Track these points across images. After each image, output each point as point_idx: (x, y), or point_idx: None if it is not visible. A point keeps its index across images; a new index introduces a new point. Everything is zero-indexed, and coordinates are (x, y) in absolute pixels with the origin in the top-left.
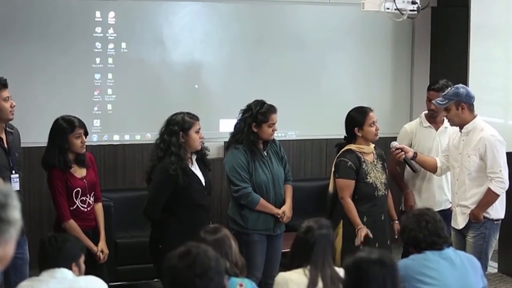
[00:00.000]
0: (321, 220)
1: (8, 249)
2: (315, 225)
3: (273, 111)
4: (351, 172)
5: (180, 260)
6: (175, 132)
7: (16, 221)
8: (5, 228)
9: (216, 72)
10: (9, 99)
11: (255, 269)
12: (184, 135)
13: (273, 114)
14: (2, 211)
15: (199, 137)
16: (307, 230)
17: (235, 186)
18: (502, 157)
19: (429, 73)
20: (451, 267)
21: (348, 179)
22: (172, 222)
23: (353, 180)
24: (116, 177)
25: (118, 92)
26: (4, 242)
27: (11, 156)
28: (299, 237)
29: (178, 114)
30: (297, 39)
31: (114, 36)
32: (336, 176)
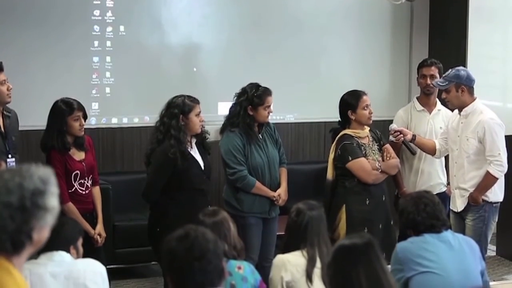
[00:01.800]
0: (310, 201)
1: (43, 234)
2: (305, 207)
3: (269, 93)
4: (359, 151)
5: (179, 243)
6: (175, 115)
7: (53, 208)
8: (42, 214)
9: (214, 55)
10: (5, 82)
11: (251, 251)
12: (184, 118)
13: (269, 97)
14: (40, 198)
15: (200, 120)
16: (298, 213)
17: (231, 169)
18: (501, 140)
19: (427, 57)
20: (450, 250)
21: (362, 157)
22: (170, 205)
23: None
24: (115, 160)
25: (117, 75)
26: (39, 228)
27: (8, 140)
28: (292, 220)
29: (179, 97)
30: (295, 22)
31: (112, 19)
32: (350, 159)
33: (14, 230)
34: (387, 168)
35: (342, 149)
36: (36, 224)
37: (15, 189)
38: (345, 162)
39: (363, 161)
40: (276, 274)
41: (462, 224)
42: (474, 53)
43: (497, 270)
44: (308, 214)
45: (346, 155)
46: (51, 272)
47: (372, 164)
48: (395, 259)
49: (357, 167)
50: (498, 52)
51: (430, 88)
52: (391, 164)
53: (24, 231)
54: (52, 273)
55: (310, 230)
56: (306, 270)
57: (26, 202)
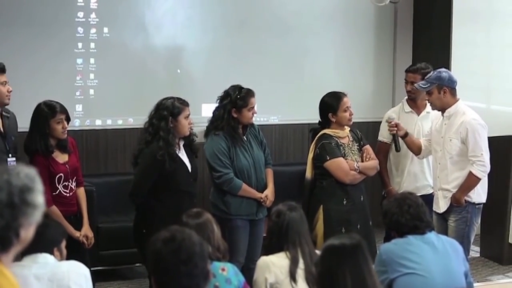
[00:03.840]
0: (290, 202)
1: (29, 232)
2: (285, 208)
3: (252, 94)
4: (338, 151)
5: (165, 246)
6: (165, 117)
7: (41, 205)
8: (30, 211)
9: (198, 57)
10: (6, 83)
11: (238, 254)
12: (173, 120)
13: (252, 98)
14: (28, 194)
15: (188, 123)
16: (278, 214)
17: (217, 172)
18: (484, 140)
19: (411, 58)
20: (433, 251)
21: (340, 157)
22: (157, 207)
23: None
24: (98, 162)
25: (100, 77)
26: (27, 225)
27: (7, 140)
28: (273, 222)
29: (168, 99)
30: (279, 24)
31: (96, 21)
32: (328, 159)
33: (3, 227)
34: (365, 169)
35: (320, 148)
36: (24, 221)
37: (3, 185)
38: (323, 161)
39: (341, 161)
40: (260, 276)
41: (445, 226)
42: (458, 54)
43: (481, 271)
44: (288, 215)
45: (324, 154)
46: (35, 274)
47: (350, 164)
48: (379, 261)
49: (334, 166)
50: (482, 53)
51: (411, 94)
52: (369, 165)
53: (12, 228)
54: (36, 275)
55: (291, 231)
56: (289, 271)
57: (14, 198)
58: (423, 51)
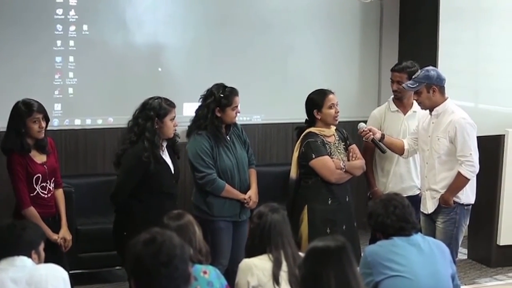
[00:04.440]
0: (272, 204)
1: None
2: (266, 210)
3: (236, 93)
4: (324, 149)
5: (145, 248)
6: (151, 117)
7: None
8: None
9: (179, 54)
10: None
11: (221, 256)
12: (159, 122)
13: (236, 97)
14: None
15: (173, 125)
16: (260, 216)
17: (200, 172)
18: (473, 140)
19: (397, 56)
20: (419, 253)
21: (326, 155)
22: (138, 209)
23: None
24: (78, 162)
25: (80, 75)
26: None
27: None
28: (254, 224)
29: (155, 99)
30: (263, 21)
31: (75, 18)
32: (313, 157)
33: None
34: (351, 168)
35: (306, 146)
36: None
37: None
38: (308, 160)
39: (326, 159)
40: (242, 279)
41: (432, 227)
42: (444, 53)
43: (469, 273)
44: (270, 217)
45: (310, 153)
46: (12, 277)
47: (336, 163)
48: (364, 263)
49: (320, 165)
50: (469, 52)
51: (397, 94)
52: (355, 164)
53: None
54: (13, 279)
55: (273, 233)
56: (272, 274)
57: None
58: (409, 49)
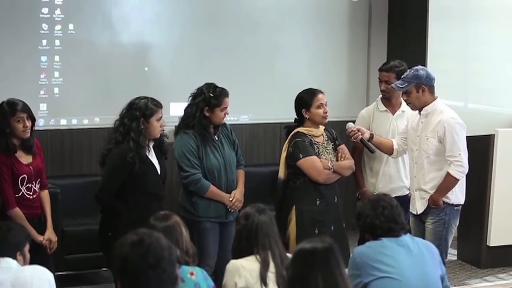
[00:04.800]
0: (258, 205)
1: None
2: (253, 211)
3: (226, 94)
4: (312, 149)
5: (132, 249)
6: (136, 117)
7: None
8: None
9: (166, 54)
10: None
11: (208, 257)
12: (145, 122)
13: (226, 98)
14: None
15: (160, 125)
16: (246, 217)
17: (184, 172)
18: (462, 140)
19: (386, 55)
20: (408, 254)
21: (314, 155)
22: (123, 209)
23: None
24: (63, 163)
25: (66, 75)
26: None
27: None
28: (241, 225)
29: (142, 99)
30: (250, 20)
31: (61, 17)
32: (301, 157)
33: None
34: (339, 168)
35: (294, 146)
36: None
37: None
38: (296, 160)
39: (314, 159)
40: (229, 280)
41: (421, 228)
42: (434, 52)
43: (458, 275)
44: (257, 218)
45: (297, 153)
46: None
47: (324, 163)
48: (353, 264)
49: (307, 165)
50: (458, 51)
51: (386, 94)
52: (344, 164)
53: None
54: None
55: (260, 234)
56: (260, 275)
57: None
58: (398, 48)
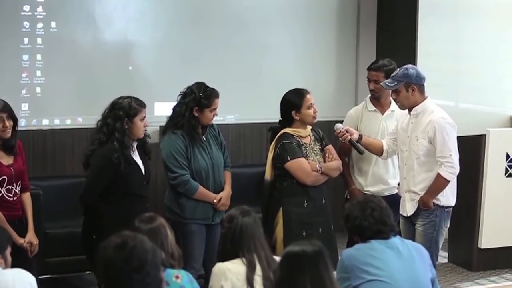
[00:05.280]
0: (243, 207)
1: None
2: (237, 213)
3: (216, 95)
4: (299, 151)
5: (116, 252)
6: (120, 117)
7: None
8: None
9: (150, 52)
10: None
11: (193, 260)
12: (129, 122)
13: (216, 99)
14: None
15: (144, 125)
16: (230, 220)
17: (173, 173)
18: (453, 140)
19: (375, 54)
20: (398, 257)
21: (302, 157)
22: (107, 211)
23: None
24: (45, 164)
25: (48, 74)
26: None
27: None
28: (225, 228)
29: (125, 98)
30: (236, 18)
31: (43, 15)
32: (288, 159)
33: None
34: (327, 170)
35: (281, 148)
36: None
37: None
38: (284, 162)
39: (302, 161)
40: (215, 283)
41: (412, 230)
42: (424, 50)
43: (449, 277)
44: (241, 220)
45: (285, 155)
46: None
47: (312, 165)
48: (341, 267)
49: (295, 167)
50: (449, 49)
51: (375, 93)
52: (332, 166)
53: None
54: None
55: (245, 236)
56: (246, 277)
57: None
58: (387, 47)
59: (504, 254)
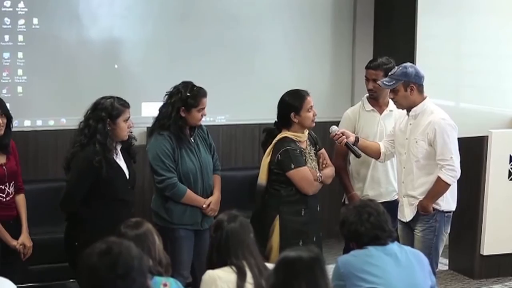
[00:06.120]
0: (230, 212)
1: None
2: (224, 219)
3: (204, 94)
4: (302, 159)
5: (100, 259)
6: (102, 118)
7: None
8: None
9: (137, 50)
10: None
11: (182, 267)
12: (111, 123)
13: (204, 98)
14: None
15: (128, 126)
16: (216, 227)
17: (159, 176)
18: (454, 142)
19: (372, 52)
20: (396, 263)
21: (305, 166)
22: (90, 217)
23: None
24: (27, 167)
25: (30, 72)
26: None
27: None
28: (212, 237)
29: (107, 98)
30: (227, 14)
31: (25, 11)
32: (292, 167)
33: None
34: (324, 178)
35: (284, 154)
36: None
37: None
38: (287, 170)
39: (306, 171)
40: None
41: (410, 236)
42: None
43: (450, 286)
44: (226, 227)
45: (288, 162)
46: None
47: (313, 174)
48: (337, 275)
49: (300, 176)
50: (450, 47)
51: (373, 93)
52: (328, 173)
53: None
54: None
55: (232, 244)
56: (237, 286)
57: None
58: (385, 45)
59: (507, 261)
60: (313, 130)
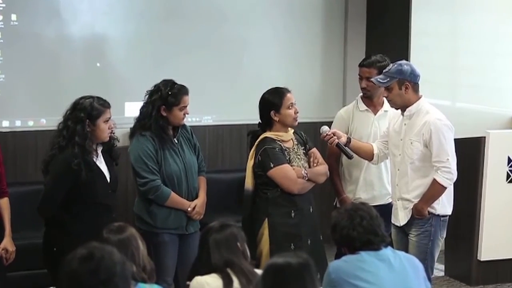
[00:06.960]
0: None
1: None
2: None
3: (185, 92)
4: (282, 157)
5: (82, 265)
6: (81, 119)
7: None
8: None
9: (120, 48)
10: None
11: (165, 273)
12: (91, 124)
13: (185, 96)
14: None
15: (108, 127)
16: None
17: (142, 178)
18: (450, 144)
19: (364, 50)
20: (390, 269)
21: (286, 163)
22: (69, 222)
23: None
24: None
25: (8, 71)
26: None
27: None
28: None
29: (87, 98)
30: (214, 11)
31: (2, 7)
32: (271, 166)
33: None
34: (314, 175)
35: (263, 154)
36: None
37: None
38: (267, 170)
39: (286, 168)
40: None
41: (405, 240)
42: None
43: None
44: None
45: (268, 161)
46: None
47: (298, 172)
48: (328, 281)
49: (280, 175)
50: (445, 44)
51: (367, 92)
52: (319, 171)
53: None
54: None
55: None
56: None
57: None
58: (378, 42)
59: (505, 267)
60: (303, 131)
